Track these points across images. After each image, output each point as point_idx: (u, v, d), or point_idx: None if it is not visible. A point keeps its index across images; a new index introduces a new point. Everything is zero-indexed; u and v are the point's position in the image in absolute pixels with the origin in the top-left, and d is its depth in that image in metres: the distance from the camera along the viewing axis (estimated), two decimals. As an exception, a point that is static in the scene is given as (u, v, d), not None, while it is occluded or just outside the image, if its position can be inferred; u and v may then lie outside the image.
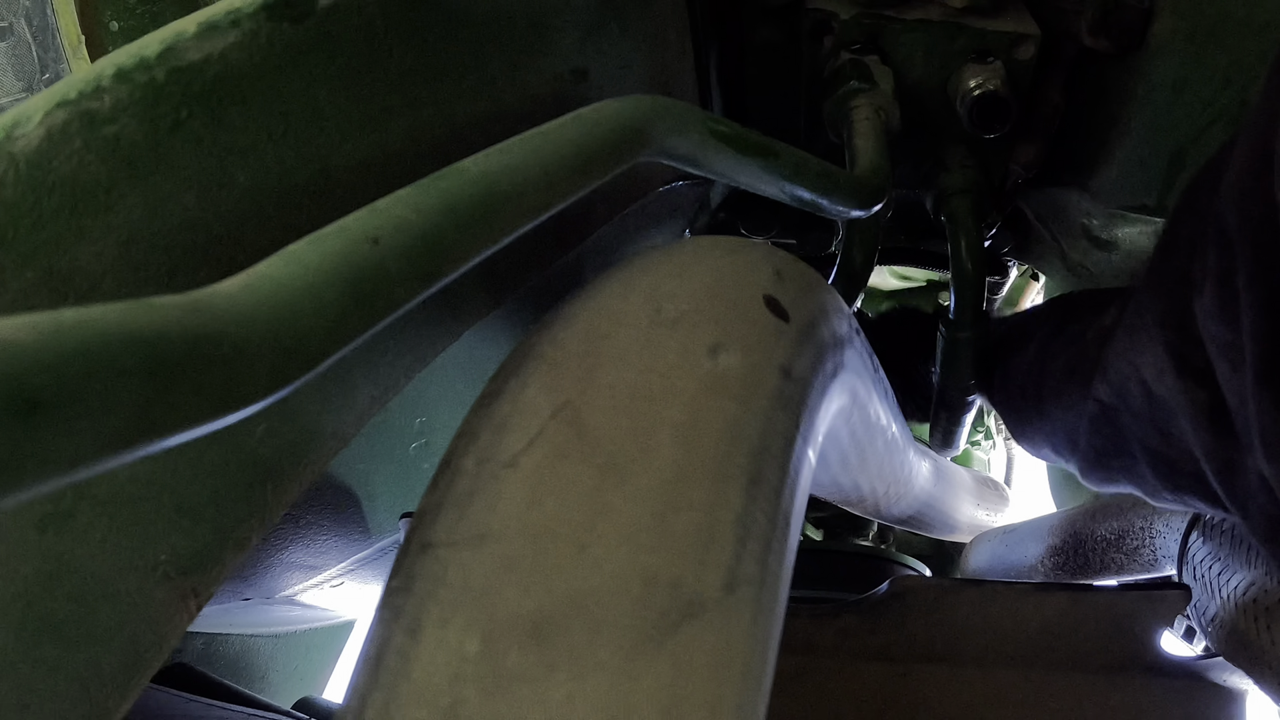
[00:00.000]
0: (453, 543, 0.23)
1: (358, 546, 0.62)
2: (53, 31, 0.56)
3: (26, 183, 0.23)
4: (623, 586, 0.22)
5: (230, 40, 0.27)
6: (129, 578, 0.29)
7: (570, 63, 0.44)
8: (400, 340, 0.39)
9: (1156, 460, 0.42)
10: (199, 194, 0.27)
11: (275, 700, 0.82)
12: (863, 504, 0.63)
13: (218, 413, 0.18)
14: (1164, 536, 0.67)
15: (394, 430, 0.55)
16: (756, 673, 0.23)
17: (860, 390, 0.43)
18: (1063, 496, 1.13)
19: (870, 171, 0.54)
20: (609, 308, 0.31)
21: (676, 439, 0.26)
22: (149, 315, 0.16)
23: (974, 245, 0.65)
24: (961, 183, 0.66)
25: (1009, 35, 0.60)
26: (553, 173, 0.29)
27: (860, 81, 0.60)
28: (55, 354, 0.14)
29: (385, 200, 0.24)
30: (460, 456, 0.26)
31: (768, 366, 0.30)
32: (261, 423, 0.32)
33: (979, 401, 0.75)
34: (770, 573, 0.25)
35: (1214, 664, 0.58)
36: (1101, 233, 0.70)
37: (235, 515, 0.32)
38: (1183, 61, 0.56)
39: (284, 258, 0.21)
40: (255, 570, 0.57)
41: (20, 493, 0.14)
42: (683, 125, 0.37)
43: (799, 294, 0.34)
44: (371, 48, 0.32)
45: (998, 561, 0.90)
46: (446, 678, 0.21)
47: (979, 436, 1.45)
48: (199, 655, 0.88)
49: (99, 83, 0.24)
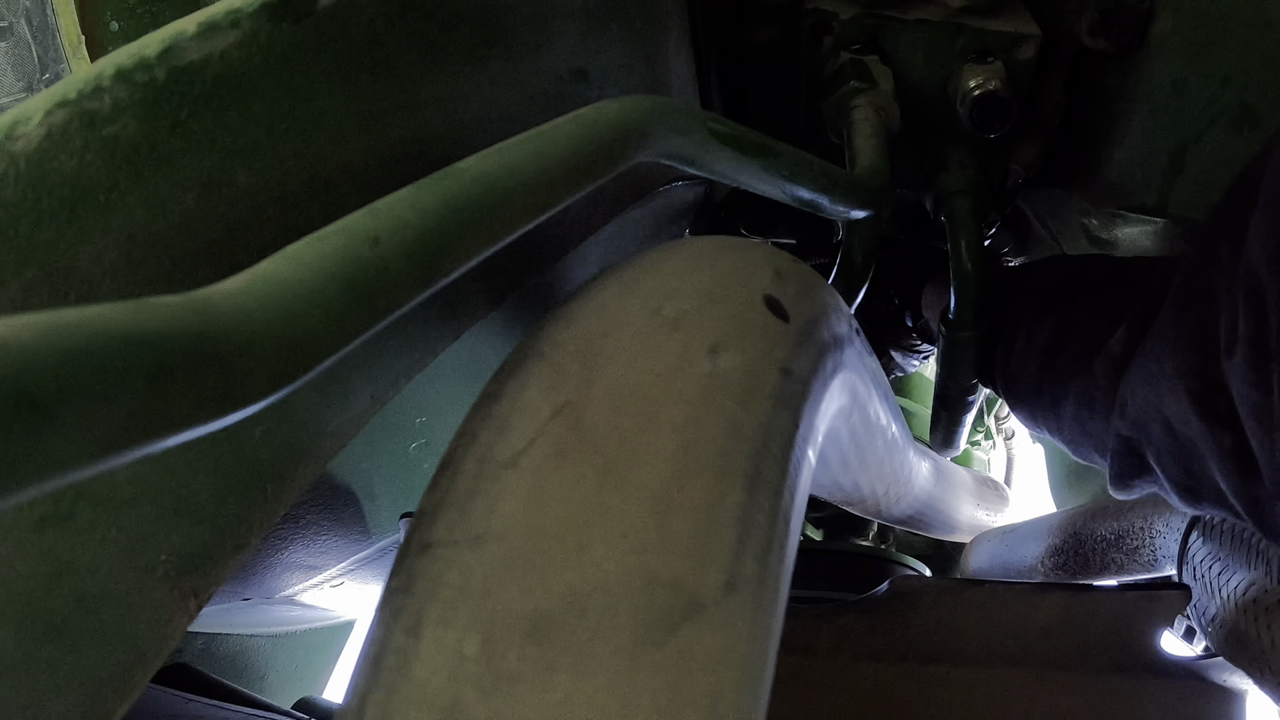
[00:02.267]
0: (453, 543, 0.23)
1: (358, 546, 0.62)
2: (53, 31, 0.56)
3: (26, 183, 0.23)
4: (623, 586, 0.22)
5: (230, 40, 0.27)
6: (129, 578, 0.29)
7: (570, 63, 0.44)
8: (400, 340, 0.39)
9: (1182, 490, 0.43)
10: (199, 194, 0.27)
11: (275, 700, 0.82)
12: (863, 504, 0.63)
13: (218, 413, 0.18)
14: (1164, 536, 0.67)
15: (394, 430, 0.55)
16: (756, 673, 0.23)
17: (860, 390, 0.43)
18: (1063, 496, 1.13)
19: (870, 171, 0.54)
20: (609, 308, 0.31)
21: (676, 439, 0.26)
22: (149, 315, 0.16)
23: (974, 245, 0.65)
24: (961, 183, 0.66)
25: (1009, 35, 0.60)
26: (553, 173, 0.29)
27: (860, 81, 0.60)
28: (55, 354, 0.14)
29: (385, 200, 0.24)
30: (460, 456, 0.26)
31: (768, 366, 0.30)
32: (261, 423, 0.32)
33: (980, 401, 0.75)
34: (770, 573, 0.25)
35: (1214, 664, 0.58)
36: (1101, 233, 0.70)
37: (235, 515, 0.32)
38: (1183, 61, 0.56)
39: (284, 258, 0.21)
40: (255, 570, 0.57)
41: (20, 493, 0.14)
42: (683, 125, 0.37)
43: (799, 294, 0.34)
44: (371, 48, 0.32)
45: (998, 561, 0.90)
46: (446, 678, 0.21)
47: (979, 436, 1.45)
48: (199, 655, 0.88)
49: (99, 83, 0.24)
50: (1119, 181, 0.64)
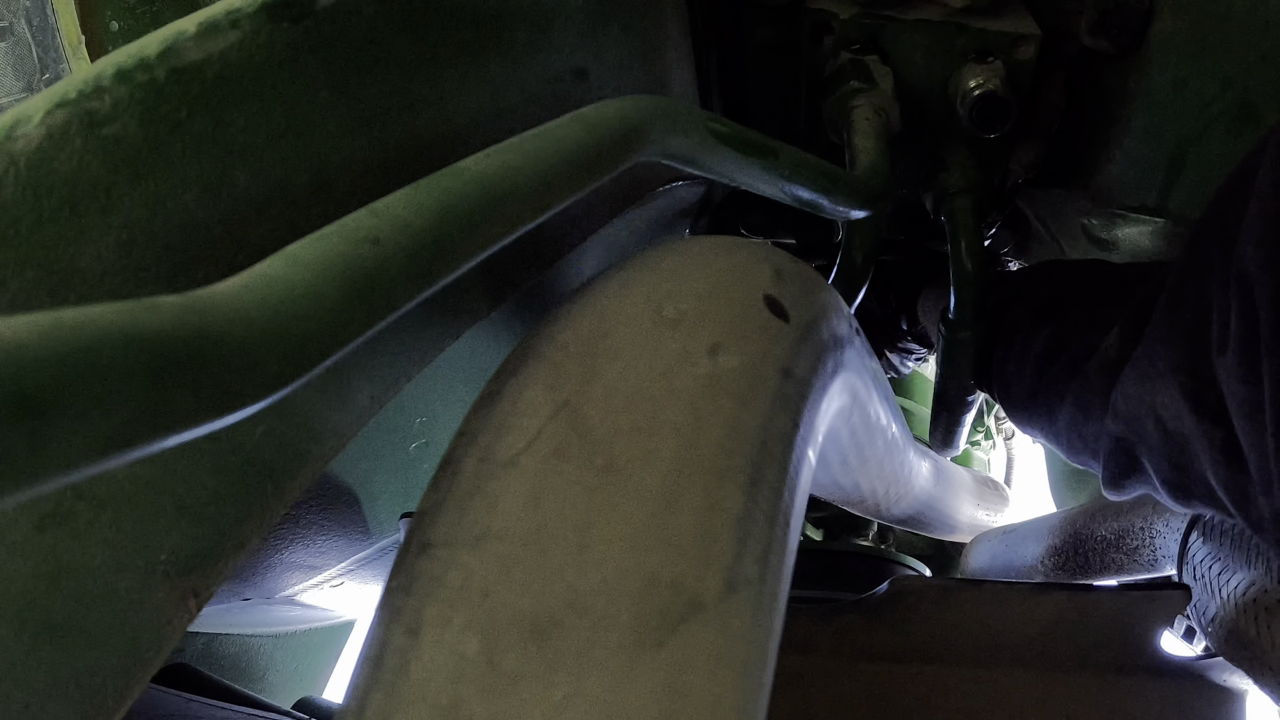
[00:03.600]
0: (453, 543, 0.23)
1: (358, 546, 0.62)
2: (53, 31, 0.56)
3: (26, 183, 0.23)
4: (623, 586, 0.22)
5: (230, 40, 0.27)
6: (129, 578, 0.29)
7: (570, 63, 0.44)
8: (400, 340, 0.39)
9: (1173, 488, 0.43)
10: (199, 194, 0.27)
11: (275, 700, 0.82)
12: (863, 504, 0.63)
13: (218, 413, 0.18)
14: (1164, 536, 0.67)
15: (394, 430, 0.55)
16: (756, 673, 0.23)
17: (860, 390, 0.43)
18: (1063, 496, 1.13)
19: (870, 171, 0.54)
20: (609, 308, 0.31)
21: (676, 439, 0.26)
22: (149, 315, 0.16)
23: (974, 245, 0.65)
24: (961, 183, 0.66)
25: (1009, 35, 0.60)
26: (553, 173, 0.29)
27: (860, 81, 0.60)
28: (55, 354, 0.14)
29: (385, 200, 0.24)
30: (460, 456, 0.26)
31: (768, 366, 0.30)
32: (261, 423, 0.32)
33: (980, 401, 0.75)
34: (770, 573, 0.25)
35: (1214, 664, 0.58)
36: (1101, 233, 0.70)
37: (235, 515, 0.32)
38: (1183, 61, 0.56)
39: (284, 258, 0.21)
40: (255, 570, 0.57)
41: (20, 493, 0.14)
42: (683, 125, 0.37)
43: (799, 294, 0.34)
44: (371, 48, 0.32)
45: (998, 561, 0.90)
46: (446, 678, 0.21)
47: (979, 436, 1.45)
48: (199, 655, 0.88)
49: (99, 83, 0.24)
50: (1119, 181, 0.64)
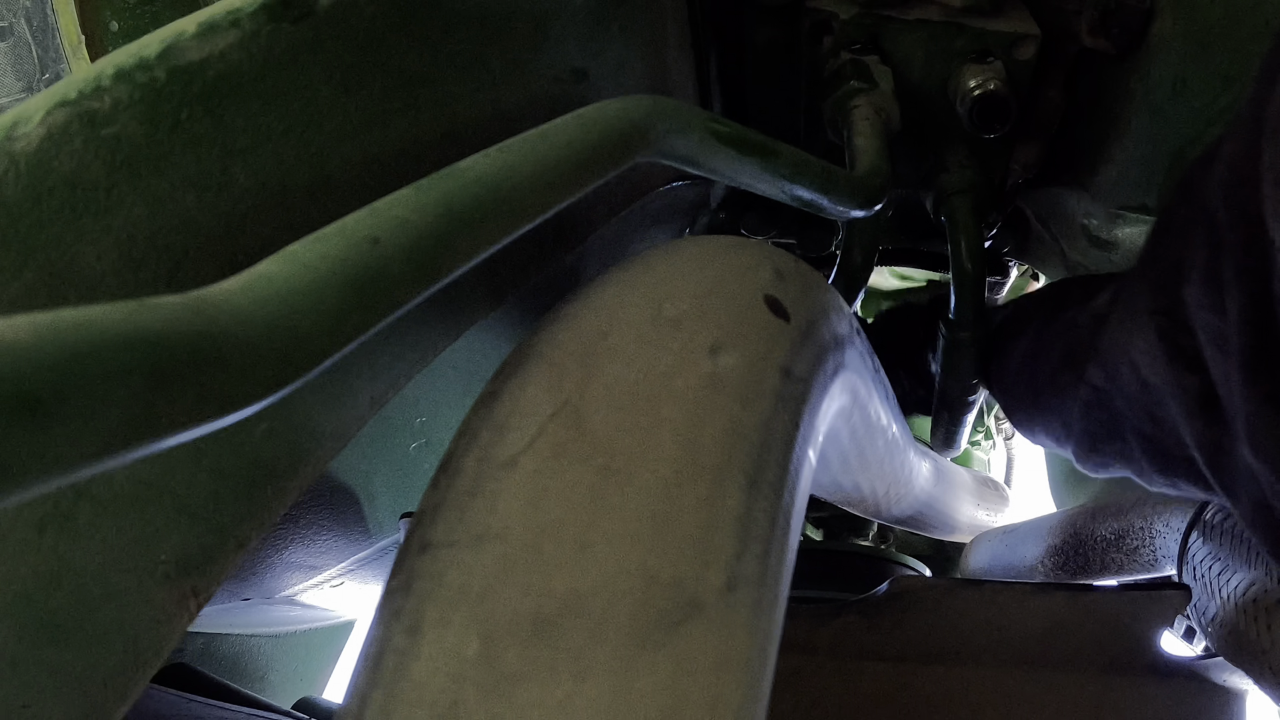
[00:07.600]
0: (453, 543, 0.23)
1: (358, 546, 0.62)
2: (53, 31, 0.56)
3: (26, 183, 0.23)
4: (623, 586, 0.22)
5: (230, 40, 0.27)
6: (129, 578, 0.29)
7: (570, 63, 0.44)
8: (400, 340, 0.39)
9: (1148, 445, 0.42)
10: (199, 194, 0.27)
11: (275, 700, 0.82)
12: (863, 504, 0.63)
13: (218, 413, 0.18)
14: (1164, 536, 0.67)
15: (394, 430, 0.55)
16: (756, 672, 0.23)
17: (860, 390, 0.43)
18: (1063, 496, 1.13)
19: (870, 171, 0.54)
20: (609, 308, 0.31)
21: (677, 439, 0.26)
22: (149, 315, 0.16)
23: (974, 245, 0.65)
24: (961, 183, 0.66)
25: (1009, 35, 0.60)
26: (553, 173, 0.29)
27: (860, 81, 0.60)
28: (55, 354, 0.14)
29: (385, 200, 0.24)
30: (460, 456, 0.26)
31: (768, 366, 0.30)
32: (261, 423, 0.32)
33: (981, 401, 0.75)
34: (770, 573, 0.25)
35: (1214, 664, 0.58)
36: (1101, 233, 0.70)
37: (235, 515, 0.32)
38: (1183, 61, 0.56)
39: (284, 258, 0.21)
40: (255, 570, 0.57)
41: (20, 493, 0.14)
42: (683, 125, 0.37)
43: (799, 294, 0.34)
44: (371, 48, 0.32)
45: (998, 561, 0.90)
46: (446, 678, 0.21)
47: (979, 436, 1.45)
48: (199, 655, 0.88)
49: (99, 83, 0.24)
50: (1119, 181, 0.64)
